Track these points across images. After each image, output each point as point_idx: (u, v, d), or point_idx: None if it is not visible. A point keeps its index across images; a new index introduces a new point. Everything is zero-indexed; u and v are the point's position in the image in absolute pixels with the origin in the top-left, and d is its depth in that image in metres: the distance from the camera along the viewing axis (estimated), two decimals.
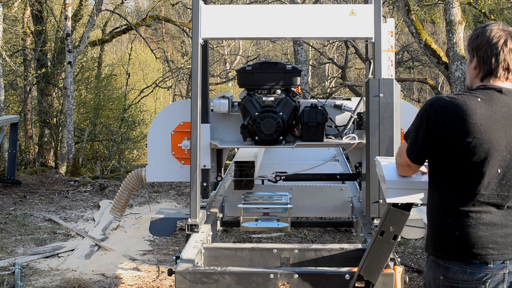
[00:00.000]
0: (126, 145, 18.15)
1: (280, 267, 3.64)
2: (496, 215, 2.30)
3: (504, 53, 2.34)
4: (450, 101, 2.32)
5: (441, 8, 14.95)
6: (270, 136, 4.34)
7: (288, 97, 4.44)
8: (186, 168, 4.46)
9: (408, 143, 2.49)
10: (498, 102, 2.31)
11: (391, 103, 3.90)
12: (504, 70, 2.36)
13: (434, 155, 2.39)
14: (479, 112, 2.28)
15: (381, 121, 3.90)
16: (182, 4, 21.05)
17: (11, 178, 9.82)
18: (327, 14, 4.16)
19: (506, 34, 2.36)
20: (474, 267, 2.31)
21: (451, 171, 2.34)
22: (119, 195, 4.97)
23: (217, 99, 4.58)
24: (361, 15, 4.09)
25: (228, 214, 5.14)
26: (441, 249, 2.39)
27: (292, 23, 4.17)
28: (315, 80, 26.56)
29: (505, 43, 2.34)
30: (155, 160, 4.59)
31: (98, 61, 18.60)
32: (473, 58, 2.42)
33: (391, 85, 3.92)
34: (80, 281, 5.22)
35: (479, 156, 2.28)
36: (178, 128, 4.56)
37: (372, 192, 3.94)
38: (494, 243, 2.29)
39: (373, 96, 3.91)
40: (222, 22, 4.17)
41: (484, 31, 2.38)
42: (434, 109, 2.34)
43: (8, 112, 14.66)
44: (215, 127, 4.67)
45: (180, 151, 4.54)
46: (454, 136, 2.29)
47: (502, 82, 2.37)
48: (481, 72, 2.39)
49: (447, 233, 2.35)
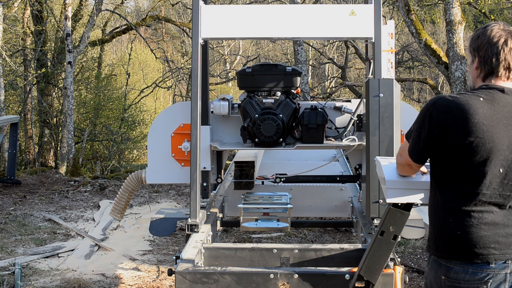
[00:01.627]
0: (126, 145, 18.15)
1: (280, 267, 3.64)
2: (498, 214, 2.31)
3: (505, 53, 2.35)
4: (452, 100, 2.33)
5: (441, 8, 14.95)
6: (270, 138, 4.35)
7: (288, 99, 4.45)
8: (186, 170, 4.45)
9: (410, 143, 2.48)
10: (500, 102, 2.32)
11: (391, 103, 3.91)
12: (505, 70, 2.36)
13: (436, 154, 2.39)
14: (481, 112, 2.28)
15: (381, 121, 3.90)
16: (182, 4, 21.05)
17: (11, 178, 9.82)
18: (327, 14, 4.17)
19: (506, 33, 2.37)
20: (476, 267, 2.31)
21: (453, 171, 2.34)
22: (119, 197, 4.96)
23: (217, 101, 4.58)
24: (361, 15, 4.10)
25: (228, 214, 5.14)
26: (443, 249, 2.39)
27: (292, 23, 4.17)
28: (315, 80, 26.56)
29: (505, 43, 2.35)
30: (155, 162, 4.60)
31: (98, 61, 18.60)
32: (474, 59, 2.42)
33: (391, 85, 3.93)
34: (80, 281, 5.22)
35: (481, 155, 2.28)
36: (178, 130, 4.58)
37: (372, 193, 3.93)
38: (496, 242, 2.29)
39: (373, 96, 3.92)
40: (222, 22, 4.18)
41: (485, 31, 2.39)
42: (436, 109, 2.34)
43: (8, 112, 14.65)
44: (215, 129, 4.68)
45: (180, 153, 4.54)
46: (456, 135, 2.29)
47: (503, 81, 2.37)
48: (483, 72, 2.39)
49: (449, 233, 2.35)
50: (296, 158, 5.97)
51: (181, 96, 21.99)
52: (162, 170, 4.59)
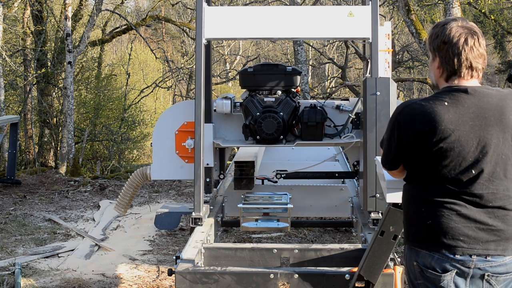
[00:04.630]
0: (126, 145, 18.15)
1: (280, 267, 3.65)
2: (471, 210, 2.30)
3: (466, 52, 2.31)
4: (418, 108, 2.33)
5: (441, 8, 14.95)
6: (271, 136, 4.45)
7: (288, 98, 4.54)
8: (189, 166, 4.58)
9: (383, 152, 2.52)
10: (465, 104, 2.30)
11: (388, 101, 4.04)
12: (468, 69, 2.33)
13: (408, 160, 2.41)
14: (447, 117, 2.27)
15: (378, 118, 4.04)
16: (182, 4, 21.06)
17: (11, 178, 9.81)
18: (326, 15, 4.31)
19: (465, 31, 2.32)
20: (442, 255, 2.31)
21: (426, 172, 2.36)
22: (124, 192, 5.09)
23: (219, 99, 4.69)
24: (358, 16, 4.24)
25: (228, 214, 5.15)
26: (414, 238, 2.41)
27: (293, 24, 4.30)
28: (315, 80, 26.56)
29: (465, 42, 2.31)
30: (159, 158, 4.73)
31: (98, 61, 18.60)
32: (435, 58, 2.39)
33: (388, 83, 4.06)
34: (80, 281, 5.22)
35: (451, 159, 2.29)
36: (182, 128, 4.69)
37: (369, 187, 4.07)
38: (466, 236, 2.29)
39: (370, 94, 4.05)
40: (224, 23, 4.32)
41: (444, 30, 2.34)
42: (403, 118, 2.36)
43: (8, 112, 14.65)
44: (217, 127, 4.78)
45: (184, 150, 4.67)
46: (426, 143, 2.30)
47: (467, 80, 2.34)
48: (445, 72, 2.36)
49: (420, 221, 2.37)
50: (296, 158, 5.98)
51: (181, 96, 22.00)
52: (167, 166, 4.72)
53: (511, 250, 2.32)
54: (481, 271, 2.30)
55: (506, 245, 2.31)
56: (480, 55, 2.33)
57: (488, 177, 2.29)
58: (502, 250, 2.30)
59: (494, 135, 2.29)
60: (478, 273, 2.31)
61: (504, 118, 2.30)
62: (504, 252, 2.31)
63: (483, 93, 2.32)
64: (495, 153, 2.29)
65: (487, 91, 2.33)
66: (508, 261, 2.32)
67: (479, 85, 2.36)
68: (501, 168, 2.31)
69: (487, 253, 2.29)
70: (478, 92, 2.32)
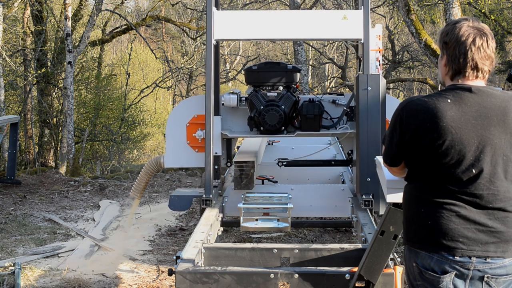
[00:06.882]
0: (126, 145, 18.17)
1: (280, 267, 3.65)
2: (471, 211, 2.29)
3: (472, 52, 2.30)
4: (420, 104, 2.33)
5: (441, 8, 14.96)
6: (274, 127, 4.89)
7: (289, 93, 4.98)
8: (200, 155, 5.05)
9: (384, 148, 2.52)
10: (468, 102, 2.30)
11: (378, 95, 4.51)
12: (473, 70, 2.32)
13: (409, 156, 2.41)
14: (449, 114, 2.27)
15: (369, 111, 4.50)
16: (182, 4, 21.05)
17: (11, 178, 9.80)
18: (323, 18, 4.80)
19: (475, 31, 2.32)
20: (441, 256, 2.31)
21: (426, 170, 2.36)
22: (140, 179, 5.56)
23: (227, 94, 5.15)
24: (352, 19, 4.70)
25: (228, 214, 5.16)
26: (414, 238, 2.40)
27: (293, 26, 4.77)
28: (315, 80, 26.58)
29: (473, 42, 2.30)
30: (172, 148, 5.16)
31: (98, 61, 18.60)
32: (443, 55, 2.39)
33: (378, 80, 4.53)
34: (80, 281, 5.22)
35: (452, 157, 2.28)
36: (192, 120, 5.11)
37: (361, 173, 4.51)
38: (465, 237, 2.28)
39: (362, 89, 4.52)
40: (231, 25, 4.82)
41: (454, 28, 2.34)
42: (406, 113, 2.36)
43: (8, 112, 14.66)
44: (225, 119, 5.21)
45: (195, 140, 5.11)
46: (427, 139, 2.30)
47: (471, 81, 2.34)
48: (451, 70, 2.36)
49: (420, 222, 2.37)
50: (295, 156, 5.99)
51: (181, 96, 22.00)
52: (179, 155, 5.15)
53: (511, 252, 2.31)
54: (481, 273, 2.30)
55: (506, 247, 2.30)
56: (488, 56, 2.32)
57: (488, 178, 2.29)
58: (501, 252, 2.30)
59: (496, 135, 2.29)
60: (477, 274, 2.30)
61: (507, 119, 2.30)
62: (504, 254, 2.30)
63: (487, 93, 2.32)
64: (496, 153, 2.29)
65: (491, 91, 2.33)
66: (508, 263, 2.31)
67: (483, 85, 2.36)
68: (502, 169, 2.30)
69: (486, 255, 2.29)
70: (482, 92, 2.32)
